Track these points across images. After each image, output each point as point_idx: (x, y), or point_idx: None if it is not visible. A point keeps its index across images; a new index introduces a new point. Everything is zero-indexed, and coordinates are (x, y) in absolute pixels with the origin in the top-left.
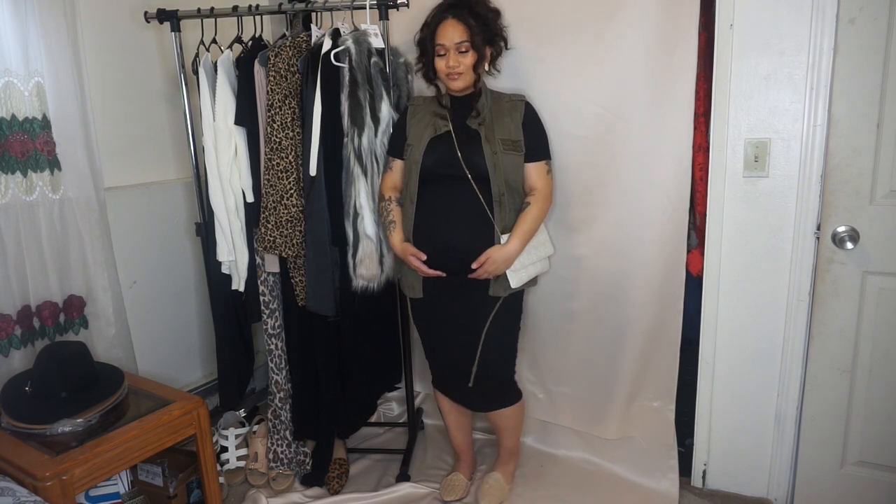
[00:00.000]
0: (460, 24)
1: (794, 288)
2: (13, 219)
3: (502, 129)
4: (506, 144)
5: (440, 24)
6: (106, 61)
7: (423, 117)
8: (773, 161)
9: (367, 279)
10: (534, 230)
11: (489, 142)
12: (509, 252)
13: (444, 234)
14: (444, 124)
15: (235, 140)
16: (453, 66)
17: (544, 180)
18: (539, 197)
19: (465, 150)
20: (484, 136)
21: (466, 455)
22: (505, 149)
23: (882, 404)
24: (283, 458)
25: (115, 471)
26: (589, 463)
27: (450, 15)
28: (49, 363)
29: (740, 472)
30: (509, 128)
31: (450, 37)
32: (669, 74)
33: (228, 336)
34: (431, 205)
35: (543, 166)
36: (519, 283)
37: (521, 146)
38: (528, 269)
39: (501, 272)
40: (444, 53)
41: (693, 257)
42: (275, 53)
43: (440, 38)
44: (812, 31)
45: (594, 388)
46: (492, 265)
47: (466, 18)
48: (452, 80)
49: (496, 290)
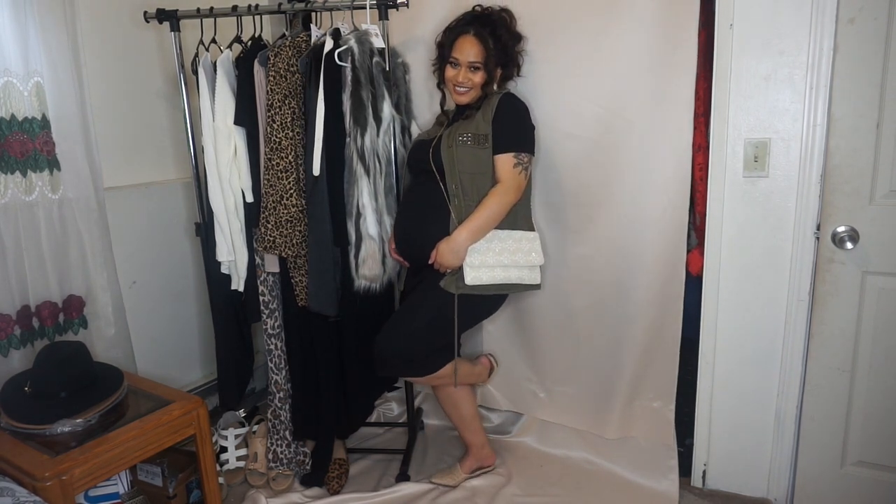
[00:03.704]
0: (479, 44)
1: (794, 288)
2: (13, 219)
3: (468, 126)
4: (464, 137)
5: (460, 37)
6: (106, 61)
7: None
8: (772, 161)
9: (370, 279)
10: (487, 220)
11: (448, 137)
12: (455, 241)
13: (407, 226)
14: (437, 130)
15: (235, 140)
16: (462, 82)
17: (510, 173)
18: (498, 189)
19: (436, 148)
20: (448, 132)
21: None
22: (462, 142)
23: (882, 404)
24: (282, 458)
25: (115, 471)
26: (589, 463)
27: (472, 30)
28: (48, 363)
29: (740, 472)
30: (477, 122)
31: (465, 53)
32: (669, 74)
33: (228, 336)
34: (407, 198)
35: (510, 159)
36: (475, 281)
37: (485, 139)
38: (493, 270)
39: (457, 264)
40: (456, 65)
41: (693, 257)
42: (274, 53)
43: (456, 52)
44: (812, 31)
45: (594, 388)
46: (441, 257)
47: (486, 39)
48: (459, 95)
49: (447, 284)
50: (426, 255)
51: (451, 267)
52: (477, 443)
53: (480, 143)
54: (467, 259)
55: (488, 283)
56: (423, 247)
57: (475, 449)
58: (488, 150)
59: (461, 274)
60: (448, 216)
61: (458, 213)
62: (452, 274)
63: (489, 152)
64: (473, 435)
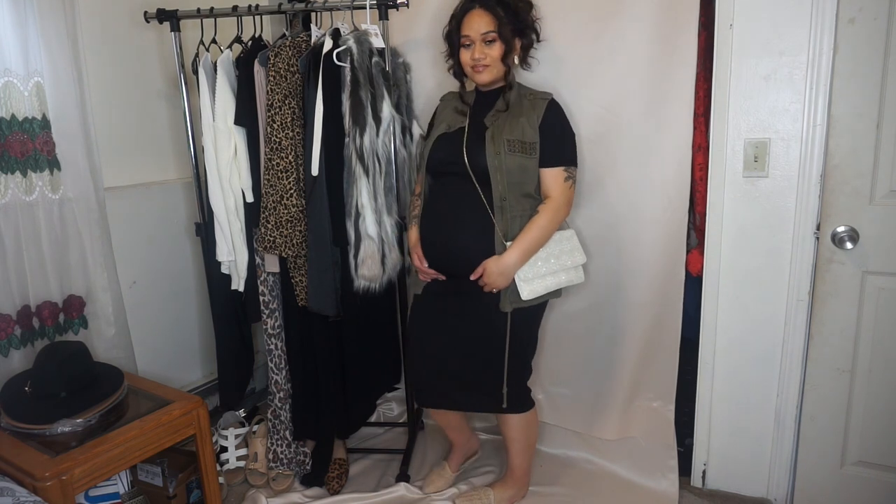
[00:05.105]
0: (487, 14)
1: (794, 288)
2: (13, 219)
3: (513, 129)
4: (512, 145)
5: (466, 14)
6: (106, 61)
7: (446, 111)
8: (772, 161)
9: (369, 279)
10: (538, 240)
11: (493, 142)
12: (506, 264)
13: (445, 235)
14: (460, 120)
15: (235, 140)
16: (479, 59)
17: (560, 188)
18: (550, 206)
19: (472, 148)
20: (490, 134)
21: (458, 447)
22: (510, 150)
23: (882, 404)
24: (282, 458)
25: (115, 471)
26: (589, 463)
27: (477, 4)
28: (49, 363)
29: (740, 471)
30: (523, 128)
31: (475, 27)
32: (669, 74)
33: (228, 336)
34: (438, 203)
35: (561, 173)
36: (532, 294)
37: (532, 149)
38: (545, 279)
39: (504, 285)
40: (469, 44)
41: (693, 257)
42: (275, 53)
43: (465, 29)
44: (812, 31)
45: (594, 389)
46: (488, 277)
47: (494, 8)
48: (478, 73)
49: (504, 305)
50: (468, 270)
51: (498, 288)
52: (527, 468)
53: (528, 153)
54: (519, 273)
55: (543, 293)
56: (466, 261)
57: (520, 477)
58: (535, 160)
59: (513, 289)
60: (492, 229)
61: (504, 227)
62: (505, 292)
63: (536, 162)
64: (529, 460)
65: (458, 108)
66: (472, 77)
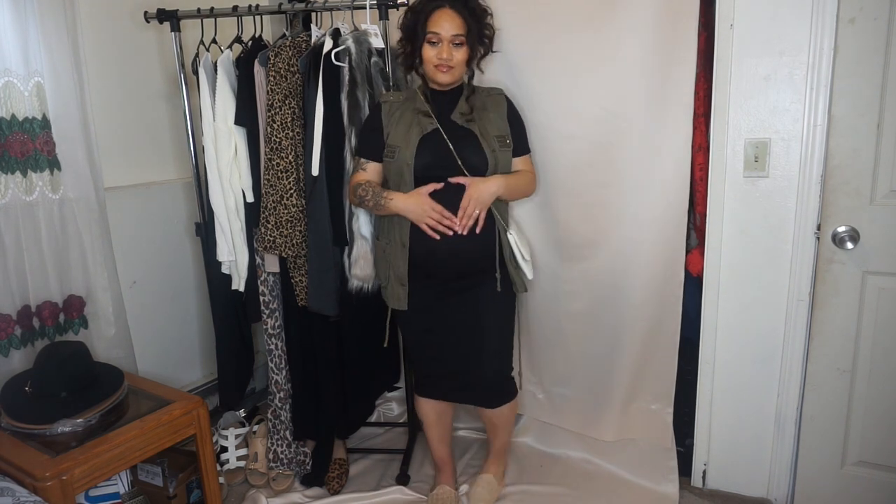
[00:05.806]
0: (458, 17)
1: (794, 288)
2: (13, 219)
3: (493, 126)
4: (501, 141)
5: (435, 11)
6: (106, 61)
7: (404, 115)
8: (773, 161)
9: (362, 279)
10: (518, 186)
11: (486, 139)
12: (489, 183)
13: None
14: (429, 122)
15: (235, 140)
16: (447, 59)
17: (532, 170)
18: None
19: (460, 149)
20: (479, 133)
21: (448, 466)
22: (501, 146)
23: (882, 404)
24: (283, 458)
25: (115, 471)
26: (589, 463)
27: (446, 4)
28: (49, 363)
29: (740, 472)
30: (497, 123)
31: (447, 27)
32: (669, 74)
33: (228, 336)
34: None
35: (528, 159)
36: (531, 274)
37: (509, 141)
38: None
39: (485, 203)
40: (436, 42)
41: (693, 257)
42: (275, 53)
43: (435, 27)
44: (812, 31)
45: (593, 390)
46: (475, 192)
47: (463, 11)
48: (441, 73)
49: (518, 288)
50: (478, 267)
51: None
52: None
53: (508, 145)
54: (524, 253)
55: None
56: (475, 257)
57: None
58: (511, 150)
59: (522, 272)
60: (492, 220)
61: (503, 213)
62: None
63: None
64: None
65: (420, 110)
66: (431, 75)
